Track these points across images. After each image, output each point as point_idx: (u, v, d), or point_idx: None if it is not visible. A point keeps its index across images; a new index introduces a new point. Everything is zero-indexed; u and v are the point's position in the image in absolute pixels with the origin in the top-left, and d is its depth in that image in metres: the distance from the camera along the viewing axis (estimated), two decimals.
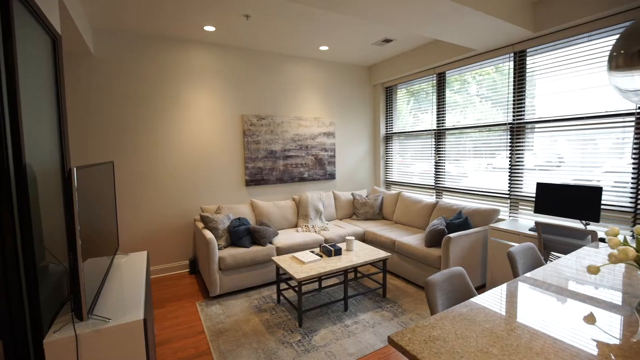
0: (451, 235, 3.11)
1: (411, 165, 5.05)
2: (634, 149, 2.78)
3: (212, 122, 4.17)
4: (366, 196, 4.91)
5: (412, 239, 3.67)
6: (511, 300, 1.44)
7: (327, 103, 5.03)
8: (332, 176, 5.06)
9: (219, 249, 3.44)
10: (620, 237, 1.39)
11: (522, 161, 3.59)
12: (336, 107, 5.13)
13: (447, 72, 4.39)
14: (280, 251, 3.62)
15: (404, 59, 4.71)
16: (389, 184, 5.52)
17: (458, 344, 1.10)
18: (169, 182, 3.98)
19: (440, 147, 4.53)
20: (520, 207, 3.65)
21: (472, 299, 1.43)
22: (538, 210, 3.16)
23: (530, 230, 3.07)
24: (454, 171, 4.33)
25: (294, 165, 4.71)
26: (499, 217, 3.73)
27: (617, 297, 1.46)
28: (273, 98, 4.57)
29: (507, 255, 1.99)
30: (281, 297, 3.30)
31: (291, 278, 3.21)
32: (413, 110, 4.91)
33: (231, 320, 2.92)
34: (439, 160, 4.55)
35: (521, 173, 3.61)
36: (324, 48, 4.40)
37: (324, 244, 3.25)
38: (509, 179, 3.70)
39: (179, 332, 2.77)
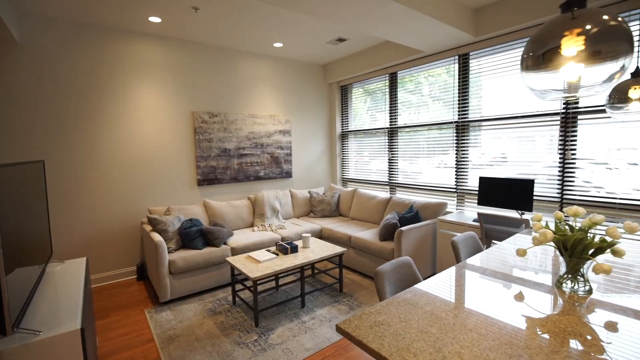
0: (403, 228, 3.25)
1: (368, 162, 5.18)
2: (559, 145, 3.09)
3: (160, 118, 3.96)
4: (323, 194, 4.95)
5: (367, 234, 3.77)
6: (451, 284, 1.53)
7: (282, 101, 5.00)
8: (288, 174, 5.04)
9: (169, 252, 3.27)
10: (544, 223, 1.55)
11: (466, 157, 3.84)
12: (292, 105, 5.11)
13: (398, 72, 4.57)
14: (235, 251, 3.53)
15: (358, 58, 4.82)
16: (345, 181, 5.62)
17: (401, 326, 1.15)
18: (112, 182, 3.71)
19: (393, 145, 4.70)
20: (466, 200, 3.90)
21: (416, 285, 1.50)
22: (481, 202, 3.39)
23: (474, 221, 3.29)
24: (410, 169, 4.51)
25: (249, 163, 4.62)
26: (447, 210, 3.96)
27: (543, 277, 1.62)
28: (226, 95, 4.45)
29: (450, 244, 2.12)
30: (237, 298, 3.22)
31: (247, 278, 3.14)
32: (370, 110, 5.03)
33: (183, 326, 2.79)
34: (393, 157, 4.72)
35: (466, 168, 3.85)
36: (278, 45, 4.36)
37: (281, 242, 3.23)
38: (456, 174, 3.94)
39: (125, 342, 2.59)
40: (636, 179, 2.69)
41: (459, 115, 3.87)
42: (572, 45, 0.81)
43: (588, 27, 0.79)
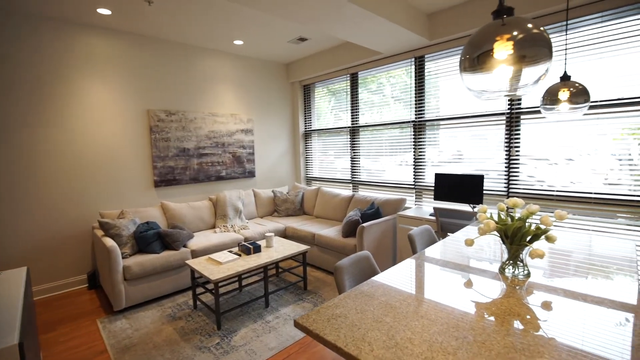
0: (364, 224, 3.33)
1: (332, 161, 5.24)
2: (505, 143, 3.33)
3: (112, 116, 3.73)
4: (287, 193, 4.94)
5: (331, 231, 3.82)
6: (406, 275, 1.60)
7: (244, 99, 4.92)
8: (251, 174, 4.97)
9: (123, 257, 3.10)
10: (489, 214, 1.68)
11: (424, 155, 4.02)
12: (254, 104, 5.05)
13: (359, 73, 4.67)
14: (195, 254, 3.43)
15: (320, 58, 4.86)
16: (309, 180, 5.65)
17: (357, 317, 1.18)
18: (58, 185, 3.44)
19: (355, 144, 4.80)
20: (424, 195, 4.08)
21: (373, 278, 1.55)
22: (437, 197, 3.57)
23: (430, 215, 3.45)
24: (374, 167, 4.62)
25: (210, 163, 4.50)
26: (407, 205, 4.12)
27: (489, 265, 1.74)
28: (184, 92, 4.29)
29: (407, 237, 2.21)
30: (198, 302, 3.12)
31: (208, 281, 3.05)
32: (334, 110, 5.08)
33: (140, 334, 2.66)
34: (355, 156, 4.82)
35: (424, 166, 4.03)
36: (238, 42, 4.28)
37: (243, 243, 3.18)
38: (414, 171, 4.11)
39: (74, 356, 2.42)
40: (572, 173, 2.98)
41: (416, 114, 4.04)
42: (502, 49, 0.89)
43: (515, 33, 0.87)
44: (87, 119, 3.57)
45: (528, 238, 1.47)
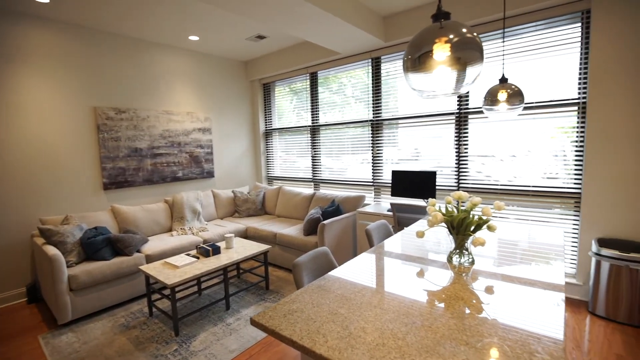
0: (325, 222, 3.38)
1: (295, 160, 5.24)
2: (455, 141, 3.54)
3: (52, 114, 3.44)
4: (248, 193, 4.87)
5: (292, 230, 3.83)
6: (362, 268, 1.66)
7: (201, 97, 4.76)
8: (210, 174, 4.83)
9: (68, 266, 2.88)
10: (438, 207, 1.80)
11: (381, 153, 4.15)
12: (212, 102, 4.90)
13: (318, 72, 4.71)
14: (150, 259, 3.27)
15: (279, 56, 4.84)
16: (271, 179, 5.61)
17: (313, 311, 1.21)
18: None
19: (316, 143, 4.84)
20: (382, 192, 4.22)
21: (330, 272, 1.59)
22: (394, 193, 3.71)
23: (388, 211, 3.58)
24: (336, 165, 4.67)
25: (165, 164, 4.30)
26: (366, 202, 4.23)
27: (440, 255, 1.85)
28: (136, 89, 4.06)
29: (365, 232, 2.28)
30: (154, 309, 2.98)
31: (165, 286, 2.93)
32: (296, 109, 5.07)
33: (89, 347, 2.49)
34: (316, 154, 4.86)
35: (381, 164, 4.17)
36: (193, 38, 4.14)
37: (202, 245, 3.09)
38: (372, 169, 4.24)
39: None
40: (516, 168, 3.24)
41: (373, 114, 4.16)
42: (441, 50, 0.95)
43: (451, 36, 0.94)
44: (22, 117, 3.26)
45: (472, 228, 1.58)
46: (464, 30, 0.95)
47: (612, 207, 2.76)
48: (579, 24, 2.83)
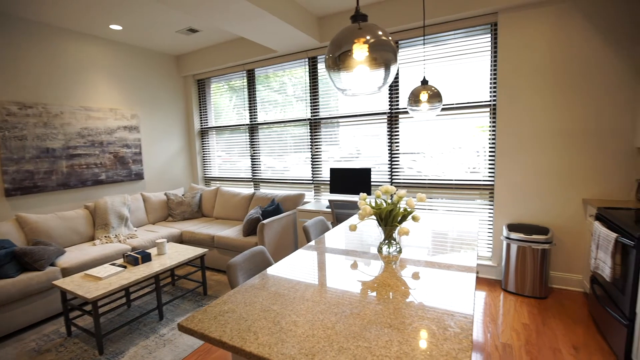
0: (264, 221, 3.34)
1: (236, 160, 5.08)
2: (387, 139, 3.75)
3: None
4: (183, 195, 4.60)
5: (231, 232, 3.72)
6: (297, 263, 1.68)
7: (126, 93, 4.38)
8: (139, 176, 4.47)
9: None
10: (368, 201, 1.90)
11: (320, 151, 4.23)
12: (139, 98, 4.54)
13: (256, 70, 4.63)
14: (68, 272, 2.92)
15: (214, 52, 4.65)
16: (208, 180, 5.38)
17: (245, 310, 1.19)
18: None
19: (255, 142, 4.76)
20: (322, 190, 4.30)
21: (265, 270, 1.58)
22: (332, 190, 3.81)
23: (327, 207, 3.67)
24: (279, 165, 4.61)
25: (84, 165, 3.87)
26: (306, 200, 4.28)
27: (371, 247, 1.94)
28: (45, 82, 3.59)
29: (302, 229, 2.30)
30: (73, 328, 2.68)
31: (86, 301, 2.64)
32: (237, 107, 4.89)
33: None
34: (255, 153, 4.78)
35: (321, 162, 4.25)
36: (116, 27, 3.79)
37: (130, 253, 2.85)
38: (312, 167, 4.30)
39: None
40: (443, 164, 3.53)
41: (311, 113, 4.22)
42: (360, 50, 1.00)
43: (369, 37, 1.00)
44: None
45: (399, 219, 1.69)
46: (380, 32, 1.02)
47: (519, 196, 3.17)
48: (489, 35, 3.19)
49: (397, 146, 3.71)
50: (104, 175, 4.06)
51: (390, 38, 1.02)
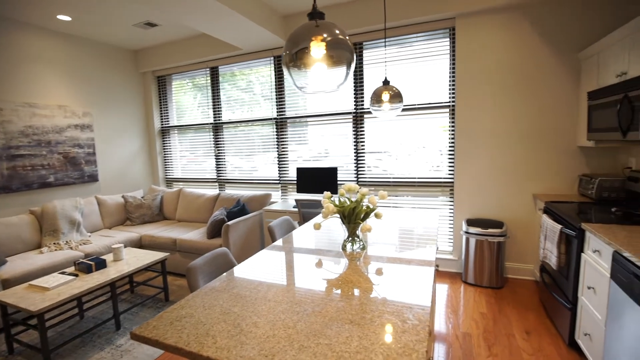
0: (229, 222, 3.26)
1: (202, 160, 4.90)
2: (353, 139, 3.80)
3: None
4: (142, 197, 4.38)
5: (195, 234, 3.59)
6: (261, 264, 1.65)
7: (78, 88, 4.09)
8: (93, 178, 4.19)
9: None
10: (332, 199, 1.92)
11: (286, 150, 4.20)
12: (93, 95, 4.25)
13: (220, 67, 4.51)
14: (9, 283, 2.67)
15: (175, 47, 4.47)
16: (170, 181, 5.16)
17: (204, 314, 1.15)
18: None
19: (219, 141, 4.63)
20: (289, 190, 4.28)
21: (226, 272, 1.53)
22: (299, 190, 3.80)
23: (293, 207, 3.65)
24: (247, 165, 4.51)
25: (29, 167, 3.56)
26: (273, 200, 4.23)
27: (336, 245, 1.95)
28: None
29: (267, 229, 2.27)
30: (15, 345, 2.45)
31: (31, 315, 2.43)
32: (201, 106, 4.71)
33: None
34: (220, 153, 4.65)
35: (287, 161, 4.22)
36: (64, 18, 3.52)
37: (82, 260, 2.66)
38: (279, 167, 4.26)
39: None
40: (408, 163, 3.63)
41: (277, 112, 4.18)
42: (317, 48, 1.00)
43: (326, 35, 1.00)
44: None
45: (362, 216, 1.71)
46: (337, 31, 1.02)
47: (477, 193, 3.34)
48: (448, 39, 3.33)
49: (362, 145, 3.77)
50: (52, 178, 3.76)
51: (347, 37, 1.03)
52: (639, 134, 1.92)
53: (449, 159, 3.45)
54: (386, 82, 2.27)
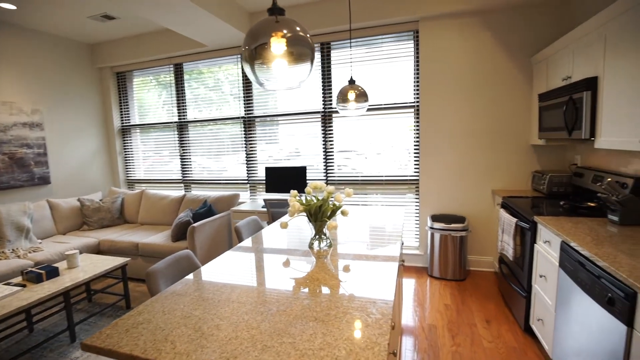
0: (195, 224, 3.16)
1: (161, 160, 4.70)
2: (322, 138, 3.81)
3: None
4: (101, 200, 4.14)
5: (159, 237, 3.44)
6: (225, 265, 1.61)
7: (25, 84, 3.78)
8: (44, 180, 3.89)
9: None
10: (299, 198, 1.92)
11: (255, 150, 4.13)
12: (43, 90, 3.95)
13: (184, 64, 4.35)
14: None
15: (137, 42, 4.27)
16: (132, 182, 4.91)
17: (163, 319, 1.10)
18: None
19: (185, 141, 4.47)
20: (257, 189, 4.21)
21: (188, 275, 1.48)
22: (268, 189, 3.75)
23: (262, 207, 3.60)
24: (216, 165, 4.37)
25: None
26: (242, 200, 4.15)
27: (302, 243, 1.95)
28: None
29: (234, 230, 2.22)
30: None
31: None
32: (166, 105, 4.51)
33: None
34: (185, 153, 4.49)
35: (256, 161, 4.15)
36: (8, 6, 3.25)
37: (31, 269, 2.46)
38: (247, 167, 4.18)
39: None
40: (377, 162, 3.69)
41: (245, 111, 4.11)
42: (277, 44, 0.99)
43: (286, 31, 0.99)
44: None
45: (328, 214, 1.72)
46: (298, 28, 1.01)
47: (441, 190, 3.46)
48: (412, 41, 3.42)
49: (331, 145, 3.79)
50: None
51: (308, 35, 1.03)
52: (582, 132, 2.08)
53: (415, 157, 3.56)
54: (352, 82, 2.29)
